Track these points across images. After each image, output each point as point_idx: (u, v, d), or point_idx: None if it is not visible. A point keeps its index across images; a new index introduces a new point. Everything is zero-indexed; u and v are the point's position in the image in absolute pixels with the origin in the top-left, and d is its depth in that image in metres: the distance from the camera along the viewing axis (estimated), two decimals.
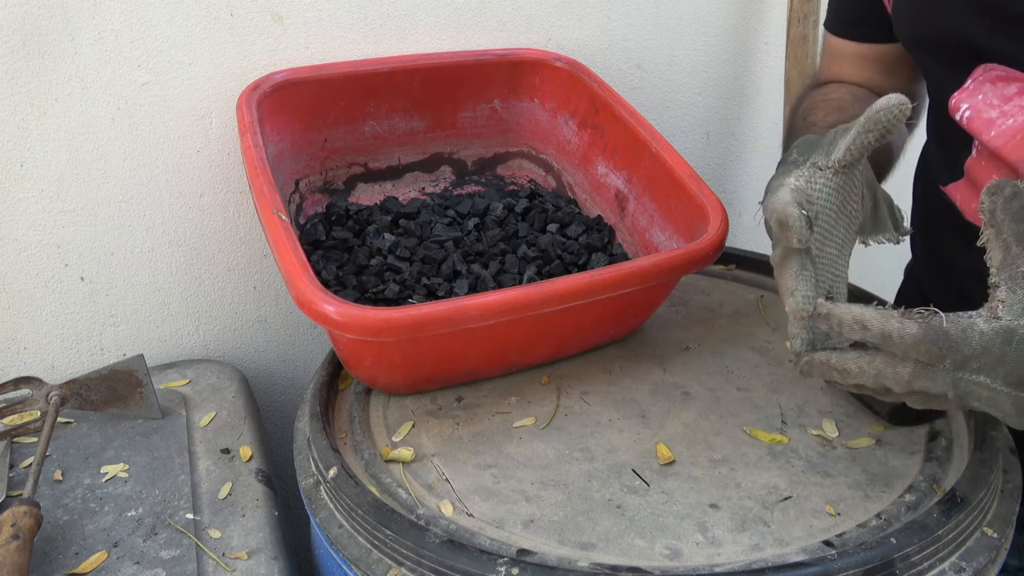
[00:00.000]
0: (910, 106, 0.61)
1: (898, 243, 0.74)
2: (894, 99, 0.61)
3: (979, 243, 0.57)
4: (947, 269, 0.87)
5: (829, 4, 0.91)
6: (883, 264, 1.13)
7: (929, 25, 0.77)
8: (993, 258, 0.56)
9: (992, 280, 0.56)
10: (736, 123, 1.26)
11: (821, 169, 0.65)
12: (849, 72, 0.90)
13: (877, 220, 0.72)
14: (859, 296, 0.93)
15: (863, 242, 0.73)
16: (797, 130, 0.85)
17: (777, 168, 0.73)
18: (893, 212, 0.74)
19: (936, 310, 0.56)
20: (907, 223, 0.75)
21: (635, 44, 1.13)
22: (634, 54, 1.14)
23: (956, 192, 0.79)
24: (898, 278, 1.01)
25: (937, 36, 0.77)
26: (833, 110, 0.84)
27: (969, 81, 0.74)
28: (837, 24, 0.90)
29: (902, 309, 0.57)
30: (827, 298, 0.61)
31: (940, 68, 0.78)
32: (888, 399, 0.61)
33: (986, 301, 0.57)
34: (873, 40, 0.86)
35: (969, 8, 0.72)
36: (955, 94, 0.75)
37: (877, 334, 0.57)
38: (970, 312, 0.56)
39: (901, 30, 0.81)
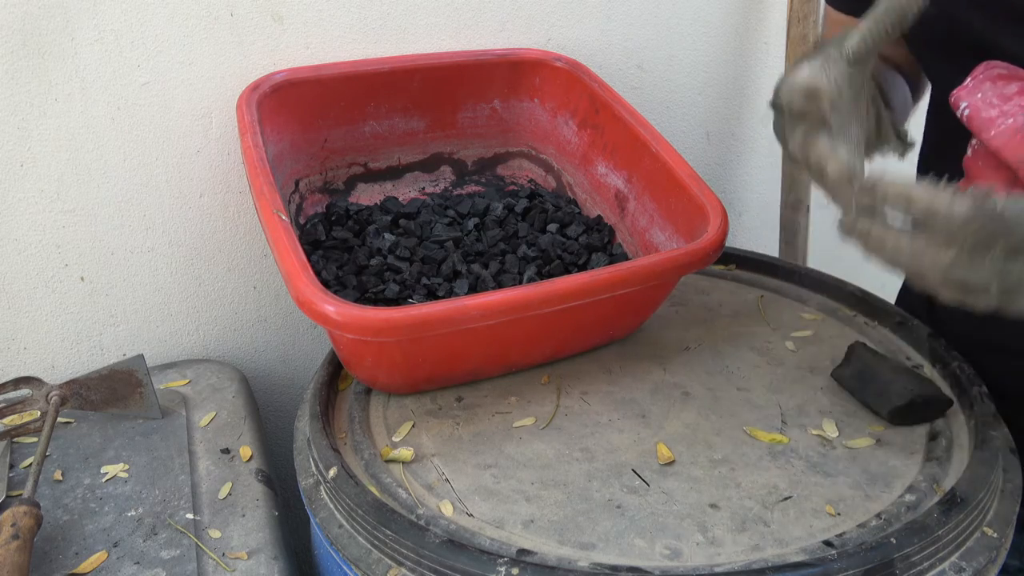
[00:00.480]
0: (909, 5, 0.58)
1: (903, 157, 0.70)
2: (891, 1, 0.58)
3: None
4: None
5: None
6: None
7: (929, 20, 0.77)
8: None
9: None
10: (736, 123, 1.26)
11: (834, 60, 0.61)
12: None
13: (881, 132, 0.69)
14: (862, 298, 0.93)
15: (867, 156, 0.69)
16: None
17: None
18: (898, 126, 0.70)
19: (991, 190, 0.50)
20: (910, 139, 0.70)
21: (635, 44, 1.13)
22: (634, 54, 1.14)
23: None
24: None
25: (939, 30, 0.75)
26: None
27: (969, 79, 0.74)
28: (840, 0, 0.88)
29: (955, 186, 0.51)
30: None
31: (941, 64, 0.77)
32: (923, 285, 0.55)
33: None
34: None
35: (973, 3, 0.71)
36: (954, 92, 0.75)
37: (923, 209, 0.51)
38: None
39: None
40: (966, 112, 0.74)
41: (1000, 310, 0.54)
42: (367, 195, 1.01)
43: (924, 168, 0.88)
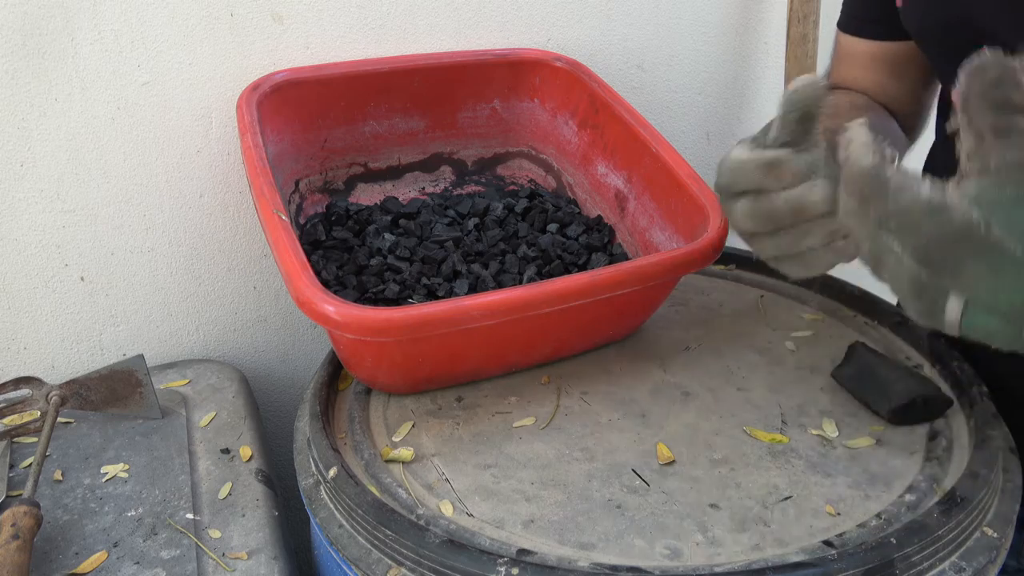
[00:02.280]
0: (821, 84, 0.59)
1: None
2: (804, 78, 0.59)
3: (949, 130, 0.51)
4: None
5: (843, 4, 0.91)
6: None
7: (938, 19, 0.76)
8: (964, 142, 0.49)
9: (962, 167, 0.50)
10: (736, 123, 1.26)
11: (761, 147, 0.62)
12: (858, 74, 0.90)
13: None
14: (862, 298, 0.93)
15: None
16: None
17: None
18: None
19: (899, 161, 0.52)
20: None
21: (635, 44, 1.13)
22: (634, 54, 1.14)
23: None
24: None
25: (946, 30, 0.76)
26: (825, 118, 0.83)
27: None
28: (850, 22, 0.90)
29: (880, 142, 0.52)
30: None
31: (949, 62, 0.77)
32: (804, 242, 0.57)
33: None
34: (884, 37, 0.86)
35: (980, 1, 0.71)
36: (956, 89, 0.75)
37: (815, 157, 0.55)
38: (929, 177, 0.51)
39: (910, 23, 0.80)
40: None
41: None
42: (367, 195, 1.01)
43: (931, 163, 0.88)
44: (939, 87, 0.89)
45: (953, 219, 0.48)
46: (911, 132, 0.94)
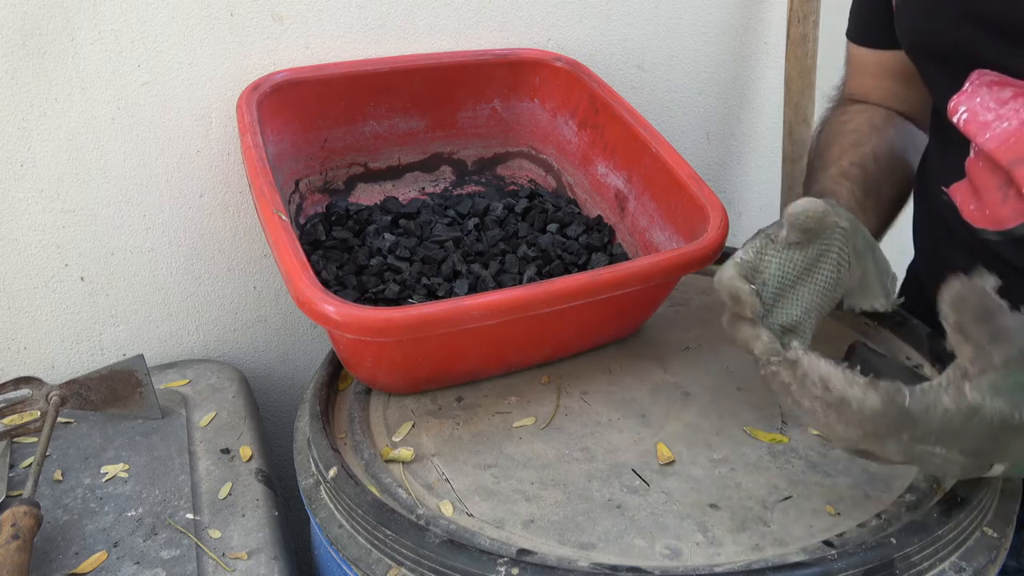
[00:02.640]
0: (816, 211, 0.65)
1: (888, 311, 0.76)
2: (800, 205, 0.65)
3: (949, 349, 0.57)
4: (945, 269, 0.87)
5: (850, 14, 0.92)
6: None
7: (925, 34, 0.79)
8: (962, 353, 0.56)
9: (961, 366, 0.56)
10: (736, 123, 1.26)
11: (773, 241, 0.67)
12: (871, 85, 0.92)
13: (866, 289, 0.74)
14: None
15: (850, 308, 0.75)
16: (813, 170, 0.88)
17: None
18: (885, 282, 0.75)
19: (901, 386, 0.56)
20: (897, 294, 0.76)
21: (635, 44, 1.13)
22: (634, 54, 1.14)
23: (957, 193, 0.79)
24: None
25: (933, 44, 0.78)
26: (848, 146, 0.85)
27: (967, 84, 0.75)
28: (857, 32, 0.92)
29: (870, 377, 0.57)
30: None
31: (938, 73, 0.79)
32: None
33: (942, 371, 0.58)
34: (893, 47, 0.87)
35: (961, 18, 0.73)
36: (954, 97, 0.76)
37: (836, 399, 0.57)
38: (935, 384, 0.56)
39: (902, 37, 0.83)
40: (964, 117, 0.75)
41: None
42: (367, 195, 1.01)
43: (924, 172, 0.89)
44: None
45: (988, 416, 0.54)
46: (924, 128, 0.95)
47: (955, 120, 0.76)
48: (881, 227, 0.86)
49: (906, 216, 0.91)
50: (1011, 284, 0.58)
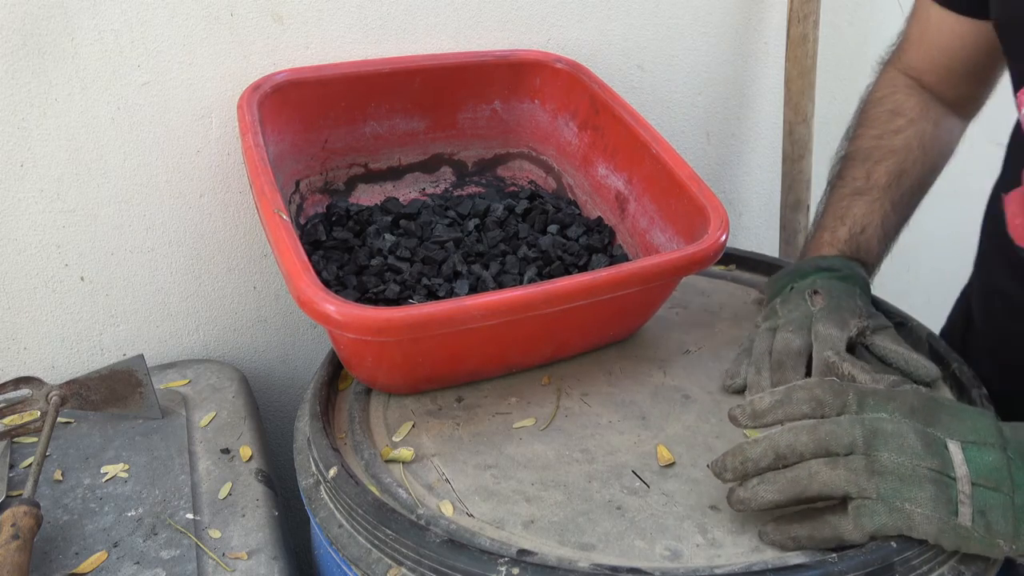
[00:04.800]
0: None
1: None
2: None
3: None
4: (986, 285, 0.85)
5: None
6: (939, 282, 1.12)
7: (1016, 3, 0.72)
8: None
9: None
10: (736, 123, 1.26)
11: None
12: (935, 61, 0.86)
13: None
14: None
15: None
16: (850, 165, 0.89)
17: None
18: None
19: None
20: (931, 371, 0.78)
21: (635, 44, 1.13)
22: (634, 54, 1.14)
23: (1012, 203, 0.76)
24: (901, 280, 1.01)
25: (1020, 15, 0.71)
26: (894, 168, 0.86)
27: None
28: None
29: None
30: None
31: (1018, 58, 0.72)
32: (801, 482, 0.61)
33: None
34: (981, 15, 0.80)
35: None
36: (1022, 91, 0.71)
37: (783, 389, 0.63)
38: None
39: (996, 9, 0.76)
40: None
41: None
42: (368, 196, 1.01)
43: (1002, 172, 0.84)
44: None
45: (908, 388, 0.64)
46: (966, 120, 0.92)
47: (1021, 114, 0.71)
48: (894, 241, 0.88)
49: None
50: None
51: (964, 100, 0.89)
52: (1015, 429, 0.59)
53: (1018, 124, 0.73)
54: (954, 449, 0.58)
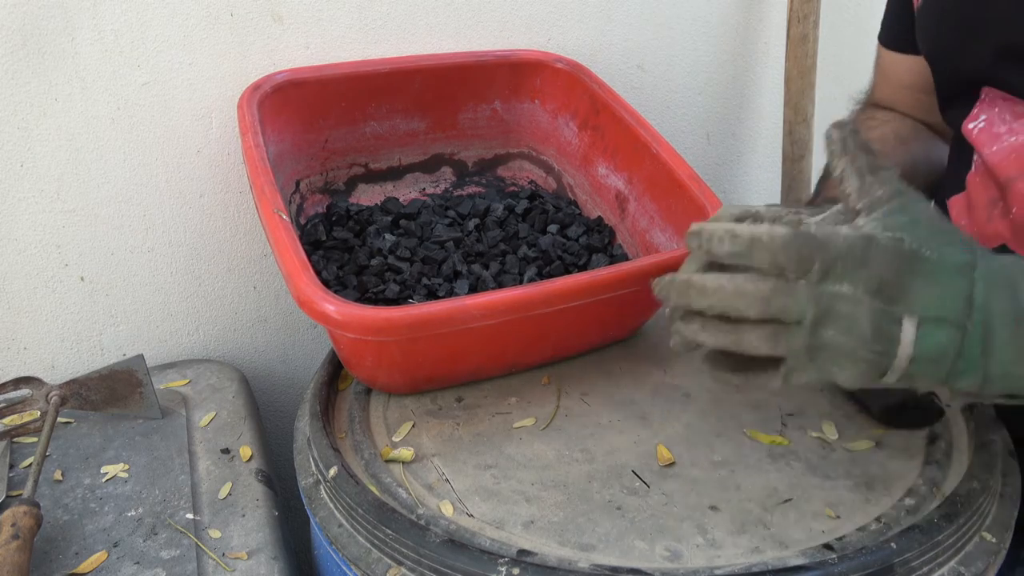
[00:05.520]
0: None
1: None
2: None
3: (835, 174, 0.58)
4: None
5: (883, 17, 0.92)
6: None
7: (939, 48, 0.78)
8: (849, 185, 0.57)
9: (850, 205, 0.57)
10: (736, 123, 1.26)
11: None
12: (899, 92, 0.91)
13: None
14: None
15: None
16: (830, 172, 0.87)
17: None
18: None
19: (803, 218, 0.58)
20: None
21: (635, 44, 1.13)
22: (634, 54, 1.14)
23: (954, 207, 0.79)
24: None
25: (945, 58, 0.78)
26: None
27: (983, 94, 0.74)
28: (888, 35, 0.91)
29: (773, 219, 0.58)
30: None
31: (952, 85, 0.78)
32: (741, 343, 0.57)
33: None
34: (913, 51, 0.86)
35: (970, 38, 0.73)
36: (976, 105, 0.75)
37: (746, 239, 0.55)
38: (828, 216, 0.58)
39: (921, 42, 0.82)
40: (980, 125, 0.73)
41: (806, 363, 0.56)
42: (368, 195, 1.01)
43: (940, 184, 0.88)
44: None
45: (884, 243, 0.54)
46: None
47: (971, 127, 0.74)
48: None
49: None
50: None
51: (943, 125, 0.91)
52: (995, 276, 0.55)
53: (959, 133, 0.76)
54: (907, 328, 0.54)
